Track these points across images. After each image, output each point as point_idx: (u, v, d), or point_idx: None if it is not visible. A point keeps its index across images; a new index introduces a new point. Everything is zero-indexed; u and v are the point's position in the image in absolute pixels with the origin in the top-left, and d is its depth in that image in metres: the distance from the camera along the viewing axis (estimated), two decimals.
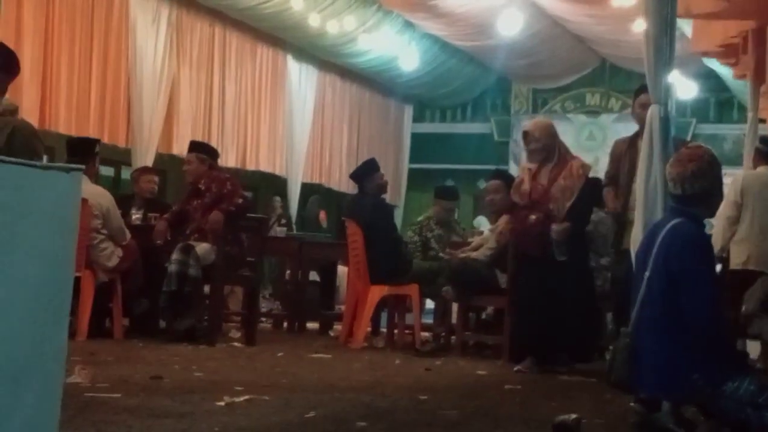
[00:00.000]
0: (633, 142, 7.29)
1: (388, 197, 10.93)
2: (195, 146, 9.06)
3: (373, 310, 9.05)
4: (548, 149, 7.39)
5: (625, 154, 7.38)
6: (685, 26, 10.87)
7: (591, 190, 7.38)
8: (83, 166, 2.80)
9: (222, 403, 4.78)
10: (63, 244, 2.82)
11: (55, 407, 2.77)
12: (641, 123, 7.26)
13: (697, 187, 4.58)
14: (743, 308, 7.14)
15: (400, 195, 19.19)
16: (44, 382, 2.73)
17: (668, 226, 4.59)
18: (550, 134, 7.46)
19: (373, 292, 8.77)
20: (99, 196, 8.10)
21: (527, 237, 7.31)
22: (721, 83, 16.70)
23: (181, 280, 8.10)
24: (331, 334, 10.23)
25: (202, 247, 8.19)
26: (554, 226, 7.17)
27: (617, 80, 18.55)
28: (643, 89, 7.25)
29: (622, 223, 7.25)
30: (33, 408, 2.68)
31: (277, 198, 15.11)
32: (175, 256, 8.10)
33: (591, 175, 7.49)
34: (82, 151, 8.04)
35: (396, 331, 9.30)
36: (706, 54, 11.76)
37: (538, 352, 7.27)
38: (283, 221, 12.45)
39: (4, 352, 2.47)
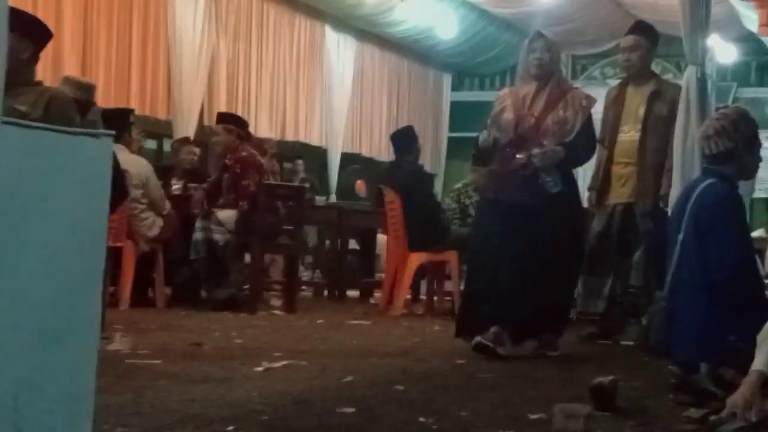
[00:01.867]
0: (621, 90, 6.98)
1: (427, 165, 10.93)
2: (222, 117, 9.18)
3: (413, 277, 9.07)
4: (551, 71, 5.99)
5: (612, 103, 6.95)
6: None
7: (592, 128, 6.14)
8: (113, 132, 2.82)
9: (260, 369, 4.83)
10: (95, 210, 2.85)
11: (91, 374, 2.80)
12: (625, 69, 7.14)
13: (721, 145, 4.54)
14: None
15: (440, 163, 19.15)
16: (79, 348, 2.76)
17: (700, 187, 4.57)
18: (559, 53, 6.23)
19: (412, 260, 8.79)
20: (138, 165, 8.17)
21: (511, 183, 5.79)
22: (762, 46, 16.49)
23: (209, 246, 8.20)
24: (371, 301, 10.27)
25: (224, 212, 8.30)
26: (535, 150, 5.73)
27: None
28: (629, 31, 7.11)
29: (605, 176, 6.87)
30: (68, 375, 2.72)
31: (299, 161, 15.07)
32: (198, 224, 8.28)
33: None
34: (116, 122, 8.10)
35: (435, 297, 9.33)
36: None
37: (503, 321, 5.69)
38: (307, 185, 12.45)
39: (37, 319, 2.50)
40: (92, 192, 2.84)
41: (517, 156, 5.76)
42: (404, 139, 9.31)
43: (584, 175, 9.45)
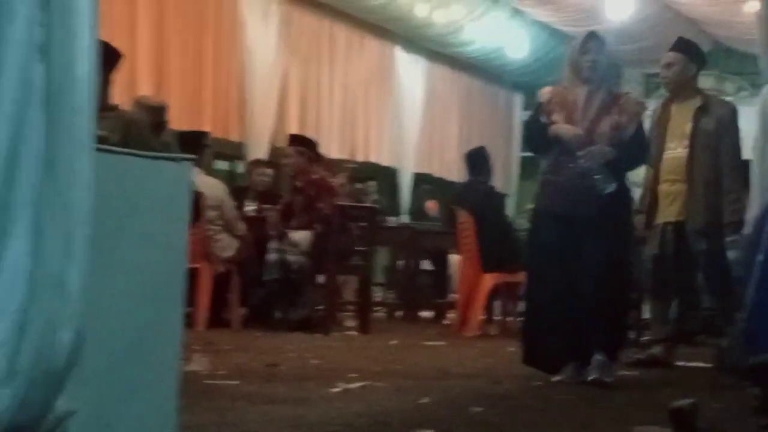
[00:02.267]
0: (665, 108, 6.83)
1: (498, 185, 10.90)
2: (294, 139, 9.26)
3: (486, 297, 9.04)
4: (604, 74, 5.63)
5: (657, 122, 6.79)
6: None
7: (644, 133, 5.84)
8: (194, 156, 2.85)
9: (337, 390, 4.84)
10: (175, 232, 2.89)
11: (174, 392, 2.83)
12: (666, 86, 7.05)
13: None
14: None
15: (512, 183, 19.08)
16: (162, 367, 2.80)
17: None
18: (612, 56, 5.84)
19: (486, 280, 8.76)
20: (213, 187, 8.25)
21: (566, 193, 5.47)
22: None
23: (283, 267, 8.26)
24: (445, 322, 10.24)
25: (298, 234, 8.36)
26: (579, 153, 5.40)
27: (731, 62, 18.17)
28: (669, 48, 7.04)
29: (652, 196, 6.69)
30: (152, 392, 2.75)
31: (371, 182, 15.11)
32: (272, 245, 8.37)
33: None
34: (191, 144, 8.20)
35: (509, 318, 9.28)
36: None
37: (577, 354, 5.46)
38: (379, 207, 12.47)
39: (122, 339, 2.53)
40: (172, 214, 2.88)
41: (570, 165, 5.45)
42: (478, 160, 9.31)
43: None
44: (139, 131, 5.20)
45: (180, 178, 2.93)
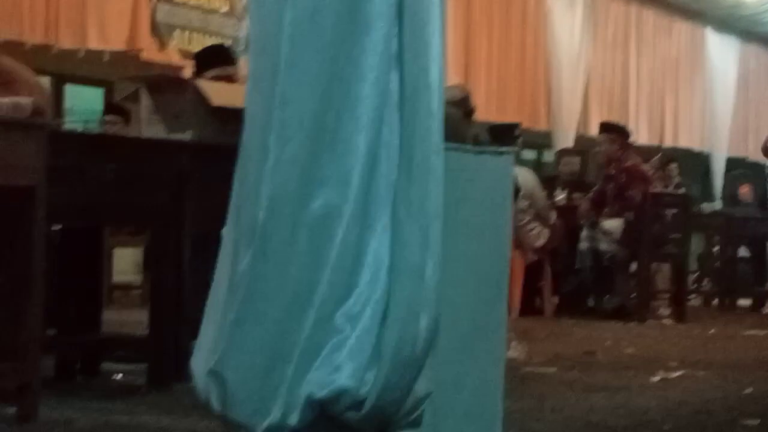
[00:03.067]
0: None
1: None
2: (605, 127, 9.17)
3: None
4: None
5: None
6: None
7: None
8: (515, 149, 2.93)
9: (656, 379, 4.80)
10: (499, 223, 2.98)
11: (499, 378, 2.92)
12: None
13: None
14: None
15: None
16: (488, 353, 2.89)
17: None
18: None
19: None
20: (524, 177, 8.32)
21: None
22: None
23: (595, 256, 8.26)
24: (765, 311, 9.90)
25: (610, 222, 8.31)
26: None
27: None
28: None
29: None
30: (480, 378, 2.85)
31: (673, 166, 14.68)
32: (584, 233, 8.39)
33: None
34: (503, 136, 8.29)
35: None
36: None
37: None
38: (682, 190, 12.13)
39: (457, 326, 2.63)
40: (496, 206, 2.97)
41: None
42: None
43: None
44: (454, 126, 5.33)
45: (503, 171, 3.02)
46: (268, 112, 2.02)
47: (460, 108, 6.94)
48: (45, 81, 4.53)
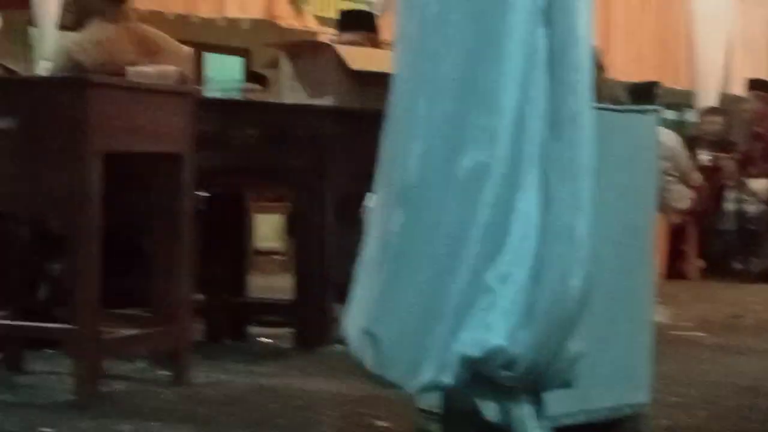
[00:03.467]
0: None
1: None
2: (754, 84, 8.93)
3: None
4: None
5: None
6: None
7: None
8: (658, 107, 2.89)
9: None
10: (645, 183, 2.94)
11: (648, 340, 2.88)
12: None
13: None
14: None
15: None
16: (636, 315, 2.85)
17: None
18: None
19: None
20: (665, 138, 8.16)
21: None
22: None
23: (741, 217, 8.13)
24: None
25: (757, 182, 8.11)
26: None
27: None
28: None
29: None
30: (628, 340, 2.82)
31: None
32: (729, 194, 8.25)
33: None
34: (643, 95, 8.14)
35: None
36: None
37: None
38: None
39: (605, 287, 2.59)
40: (641, 165, 2.92)
41: None
42: None
43: None
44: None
45: (647, 130, 2.97)
46: (418, 71, 2.02)
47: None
48: (189, 50, 4.57)
